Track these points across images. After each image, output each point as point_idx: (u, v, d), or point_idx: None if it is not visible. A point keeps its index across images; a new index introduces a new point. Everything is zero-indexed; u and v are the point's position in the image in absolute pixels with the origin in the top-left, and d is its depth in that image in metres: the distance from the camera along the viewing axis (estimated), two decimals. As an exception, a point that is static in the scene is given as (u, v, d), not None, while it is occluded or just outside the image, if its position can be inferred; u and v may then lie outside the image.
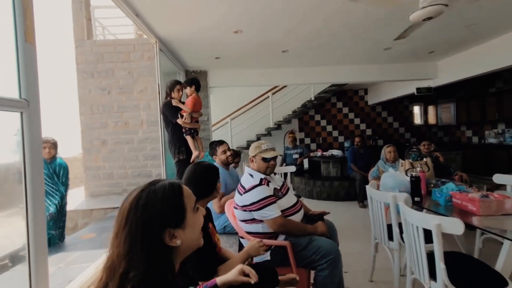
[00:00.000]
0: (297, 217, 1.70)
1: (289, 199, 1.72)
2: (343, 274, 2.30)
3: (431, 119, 7.23)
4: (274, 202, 1.59)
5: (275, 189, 1.69)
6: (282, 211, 1.63)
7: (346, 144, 6.19)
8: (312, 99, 6.73)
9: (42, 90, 1.22)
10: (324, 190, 4.87)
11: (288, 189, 1.84)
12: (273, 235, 1.65)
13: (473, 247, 2.23)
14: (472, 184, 2.05)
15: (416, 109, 7.46)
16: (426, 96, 7.06)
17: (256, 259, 1.47)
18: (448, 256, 1.57)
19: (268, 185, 1.66)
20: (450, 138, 7.18)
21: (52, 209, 2.44)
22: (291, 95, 6.69)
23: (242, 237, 1.74)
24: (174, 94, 2.81)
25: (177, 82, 2.85)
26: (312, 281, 1.88)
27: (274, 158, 1.72)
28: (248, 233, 1.69)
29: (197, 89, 3.03)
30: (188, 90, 2.98)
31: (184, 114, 2.81)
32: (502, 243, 2.06)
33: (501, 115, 5.49)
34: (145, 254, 0.61)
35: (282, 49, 3.66)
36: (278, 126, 6.73)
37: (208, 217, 1.41)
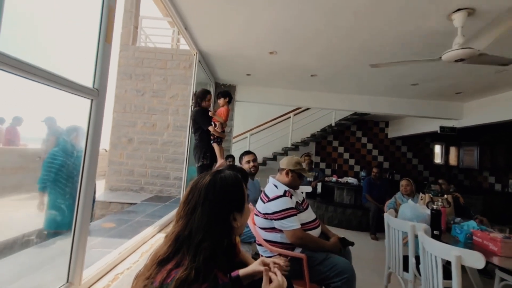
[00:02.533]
0: (315, 233, 1.74)
1: (309, 214, 1.78)
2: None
3: (452, 160, 7.06)
4: (295, 214, 1.66)
5: (297, 202, 1.76)
6: (301, 224, 1.69)
7: (362, 174, 6.14)
8: (333, 125, 6.81)
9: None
10: (336, 217, 4.81)
11: (308, 205, 1.90)
12: (290, 246, 1.69)
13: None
14: (493, 226, 2.02)
15: (437, 148, 7.33)
16: (449, 136, 6.97)
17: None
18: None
19: (291, 197, 1.74)
20: (471, 182, 6.96)
21: (93, 197, 2.58)
22: (312, 119, 6.82)
23: (259, 244, 1.80)
24: (205, 103, 2.99)
25: (208, 92, 3.04)
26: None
27: (305, 178, 1.83)
28: (266, 241, 1.75)
29: (229, 102, 3.22)
30: (221, 101, 3.17)
31: (217, 123, 2.99)
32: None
33: (527, 165, 5.33)
34: (219, 229, 0.74)
35: (312, 73, 3.83)
36: (295, 147, 6.80)
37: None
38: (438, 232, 1.86)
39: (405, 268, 1.87)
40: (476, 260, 1.26)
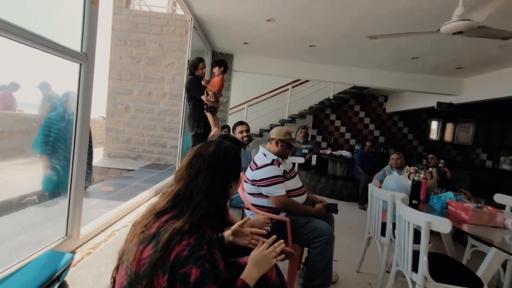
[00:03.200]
0: (300, 199, 1.85)
1: (295, 182, 1.87)
2: (333, 262, 2.48)
3: (448, 137, 7.13)
4: (282, 181, 1.74)
5: (284, 170, 1.84)
6: (287, 191, 1.78)
7: (357, 147, 6.24)
8: (331, 98, 6.76)
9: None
10: (328, 187, 4.99)
11: (296, 173, 1.99)
12: (275, 211, 1.81)
13: (462, 258, 2.34)
14: (471, 199, 2.14)
15: (434, 124, 7.36)
16: (446, 113, 6.96)
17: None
18: (433, 256, 1.70)
19: (278, 166, 1.81)
20: (463, 158, 7.10)
21: (90, 162, 2.68)
22: (310, 91, 6.75)
23: (247, 208, 1.91)
24: (198, 72, 2.96)
25: (201, 60, 2.99)
26: (303, 260, 2.05)
27: (295, 147, 1.89)
28: (254, 205, 1.86)
29: (225, 71, 3.18)
30: (216, 70, 3.13)
31: (210, 92, 2.98)
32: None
33: (520, 143, 5.40)
34: (217, 193, 0.85)
35: (310, 43, 3.73)
36: (292, 119, 6.82)
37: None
38: (416, 201, 1.98)
39: (383, 233, 2.01)
40: (443, 226, 1.37)
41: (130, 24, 4.63)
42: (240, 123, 2.68)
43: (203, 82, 2.93)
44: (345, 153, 5.55)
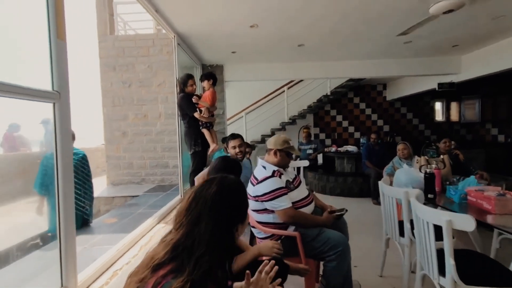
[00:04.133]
0: (308, 209, 1.74)
1: (300, 192, 1.76)
2: (353, 268, 2.34)
3: (454, 116, 6.94)
4: (286, 193, 1.64)
5: (287, 181, 1.74)
6: (293, 203, 1.67)
7: (362, 140, 6.09)
8: (328, 94, 6.64)
9: (70, 84, 1.32)
10: (338, 186, 4.84)
11: (300, 182, 1.88)
12: (283, 226, 1.70)
13: (490, 247, 2.18)
14: (491, 183, 2.00)
15: (438, 106, 7.17)
16: (449, 92, 6.77)
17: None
18: (460, 254, 1.56)
19: (280, 177, 1.71)
20: (473, 136, 6.88)
21: (90, 196, 2.61)
22: (307, 90, 6.65)
23: (253, 227, 1.81)
24: (188, 88, 2.89)
25: (189, 76, 2.93)
26: (321, 272, 1.93)
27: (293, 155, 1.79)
28: (259, 222, 1.75)
29: (214, 83, 3.11)
30: (205, 83, 3.06)
31: (203, 108, 2.91)
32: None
33: (531, 113, 5.19)
34: (222, 243, 0.73)
35: (298, 43, 3.65)
36: (293, 121, 6.71)
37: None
38: (432, 195, 1.85)
39: (401, 233, 1.88)
40: (467, 223, 1.24)
41: (117, 50, 4.62)
42: (233, 136, 2.50)
43: (193, 100, 2.87)
44: (350, 148, 5.41)
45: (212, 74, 3.09)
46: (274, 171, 1.71)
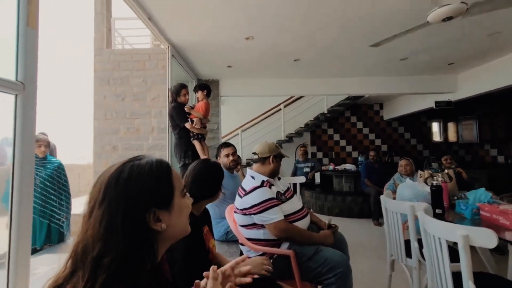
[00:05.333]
0: (302, 224, 1.55)
1: (293, 204, 1.59)
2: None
3: (451, 137, 6.87)
4: (276, 205, 1.46)
5: (278, 192, 1.57)
6: (285, 216, 1.50)
7: (361, 159, 5.96)
8: (325, 112, 6.61)
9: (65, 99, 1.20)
10: (336, 206, 4.63)
11: (293, 194, 1.71)
12: (276, 243, 1.50)
13: (505, 271, 1.97)
14: (502, 197, 1.83)
15: (435, 126, 7.14)
16: (446, 112, 6.77)
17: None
18: (476, 277, 1.36)
19: (270, 187, 1.55)
20: (472, 157, 6.78)
21: (67, 208, 2.39)
22: (304, 108, 6.62)
23: (242, 244, 1.61)
24: (181, 98, 2.80)
25: (183, 86, 2.85)
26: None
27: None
28: (249, 239, 1.56)
29: (208, 95, 3.02)
30: (199, 94, 2.97)
31: (195, 119, 2.79)
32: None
33: (529, 133, 5.14)
34: (124, 237, 0.52)
35: (294, 57, 3.63)
36: (289, 139, 6.61)
37: (205, 220, 1.30)
38: (440, 210, 1.68)
39: (408, 254, 1.68)
40: (487, 238, 1.07)
41: (112, 64, 4.59)
42: (225, 145, 2.41)
43: (186, 109, 2.76)
44: (349, 166, 5.26)
45: (206, 85, 3.02)
46: (263, 181, 1.55)
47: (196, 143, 2.80)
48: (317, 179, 6.08)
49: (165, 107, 4.52)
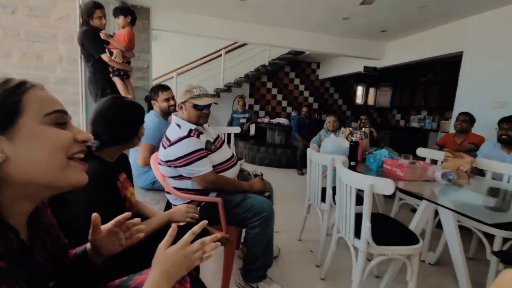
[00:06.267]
0: (231, 173, 1.55)
1: (223, 154, 1.54)
2: (274, 234, 2.34)
3: (371, 100, 7.80)
4: (205, 156, 1.39)
5: (207, 141, 1.49)
6: (214, 166, 1.46)
7: (293, 114, 6.28)
8: (266, 64, 6.50)
9: None
10: (267, 156, 4.90)
11: (223, 142, 1.66)
12: (204, 191, 1.48)
13: (390, 211, 2.48)
14: (400, 154, 2.19)
15: (360, 90, 7.92)
16: (370, 78, 7.50)
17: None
18: (372, 217, 1.65)
19: (198, 137, 1.45)
20: (382, 120, 7.92)
21: None
22: (245, 57, 6.35)
23: (168, 193, 1.53)
24: (94, 22, 2.26)
25: (97, 6, 2.28)
26: (242, 239, 1.82)
27: (208, 106, 1.49)
28: (177, 189, 1.49)
29: (133, 22, 2.51)
30: (121, 20, 2.44)
31: (115, 51, 2.31)
32: (412, 210, 2.29)
33: (426, 103, 6.18)
34: None
35: (239, -5, 3.26)
36: (228, 88, 6.39)
37: (123, 167, 1.15)
38: (354, 163, 1.91)
39: (323, 199, 1.91)
40: (387, 187, 1.25)
41: (-9, -44, 3.30)
42: (164, 87, 2.07)
43: (102, 35, 2.25)
44: (282, 120, 5.49)
45: (131, 10, 2.47)
46: (191, 130, 1.43)
47: (116, 80, 2.38)
48: (252, 131, 6.24)
49: (77, 30, 3.65)
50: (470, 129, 2.94)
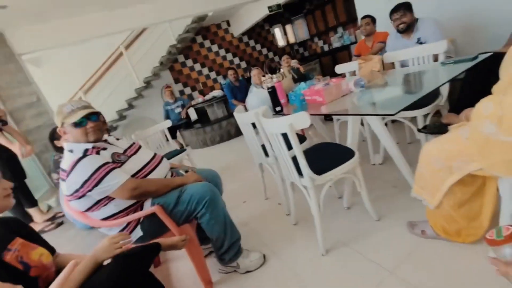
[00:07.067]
0: (158, 173, 1.41)
1: (139, 159, 1.39)
2: (243, 204, 2.33)
3: (291, 38, 7.78)
4: (114, 168, 1.23)
5: (114, 154, 1.31)
6: (133, 175, 1.31)
7: (223, 82, 6.06)
8: (175, 43, 6.00)
9: None
10: (216, 134, 4.76)
11: (139, 147, 1.49)
12: (136, 206, 1.34)
13: (334, 134, 2.59)
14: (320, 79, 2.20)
15: (277, 32, 7.80)
16: (282, 16, 7.39)
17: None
18: (310, 151, 1.67)
19: (99, 153, 1.26)
20: (309, 51, 8.04)
21: None
22: (149, 44, 5.76)
23: (99, 228, 1.36)
24: None
25: None
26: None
27: (92, 118, 1.28)
28: (105, 219, 1.32)
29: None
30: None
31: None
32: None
33: (338, 21, 6.32)
34: None
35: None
36: (148, 84, 5.87)
37: (15, 232, 0.96)
38: (279, 107, 1.87)
39: (267, 155, 1.88)
40: (303, 120, 1.23)
41: None
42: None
43: None
44: (215, 92, 5.26)
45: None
46: (86, 150, 1.24)
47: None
48: (195, 116, 5.96)
49: None
50: (374, 30, 3.05)
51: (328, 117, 3.29)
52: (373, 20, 3.02)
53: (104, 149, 1.30)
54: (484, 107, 0.90)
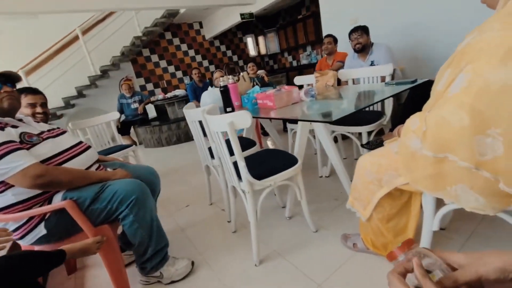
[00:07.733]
0: (79, 162, 1.23)
1: (55, 144, 1.19)
2: (185, 208, 2.18)
3: (262, 49, 7.90)
4: (17, 149, 1.03)
5: (22, 133, 1.11)
6: (45, 160, 1.11)
7: (187, 82, 5.88)
8: (140, 35, 5.68)
9: None
10: (173, 134, 4.53)
11: (62, 132, 1.30)
12: (42, 199, 1.13)
13: (288, 143, 2.59)
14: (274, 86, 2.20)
15: (249, 41, 7.87)
16: (256, 27, 7.50)
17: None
18: (256, 155, 1.61)
19: (3, 129, 1.05)
20: (278, 65, 8.24)
21: None
22: (110, 32, 5.37)
23: (-11, 221, 1.13)
24: None
25: None
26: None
27: (8, 84, 1.08)
28: (0, 210, 1.10)
29: None
30: None
31: None
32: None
33: (307, 39, 6.58)
34: None
35: None
36: (104, 73, 5.43)
37: None
38: (230, 108, 1.80)
39: (212, 156, 1.79)
40: (245, 119, 1.17)
41: None
42: (28, 90, 1.56)
43: None
44: (178, 91, 5.06)
45: None
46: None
47: None
48: (154, 113, 5.64)
49: None
50: (335, 49, 3.19)
51: (285, 129, 3.32)
52: (334, 40, 3.16)
53: (15, 127, 1.09)
54: (412, 123, 0.92)
